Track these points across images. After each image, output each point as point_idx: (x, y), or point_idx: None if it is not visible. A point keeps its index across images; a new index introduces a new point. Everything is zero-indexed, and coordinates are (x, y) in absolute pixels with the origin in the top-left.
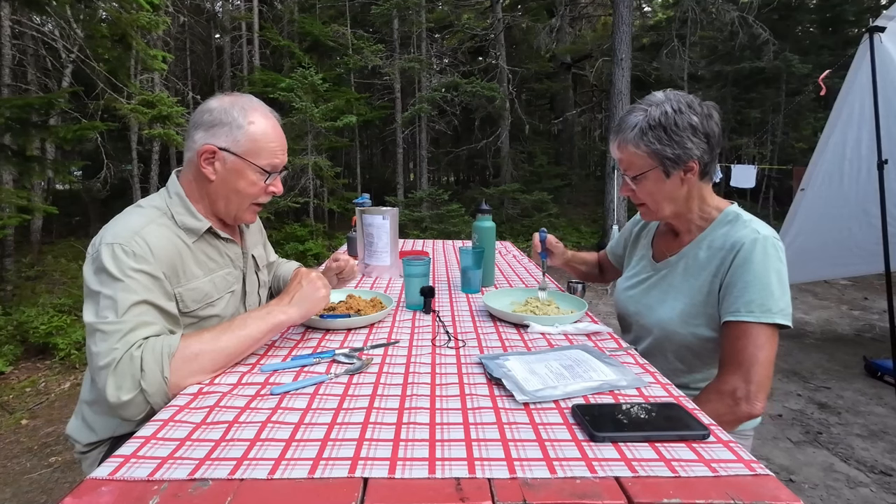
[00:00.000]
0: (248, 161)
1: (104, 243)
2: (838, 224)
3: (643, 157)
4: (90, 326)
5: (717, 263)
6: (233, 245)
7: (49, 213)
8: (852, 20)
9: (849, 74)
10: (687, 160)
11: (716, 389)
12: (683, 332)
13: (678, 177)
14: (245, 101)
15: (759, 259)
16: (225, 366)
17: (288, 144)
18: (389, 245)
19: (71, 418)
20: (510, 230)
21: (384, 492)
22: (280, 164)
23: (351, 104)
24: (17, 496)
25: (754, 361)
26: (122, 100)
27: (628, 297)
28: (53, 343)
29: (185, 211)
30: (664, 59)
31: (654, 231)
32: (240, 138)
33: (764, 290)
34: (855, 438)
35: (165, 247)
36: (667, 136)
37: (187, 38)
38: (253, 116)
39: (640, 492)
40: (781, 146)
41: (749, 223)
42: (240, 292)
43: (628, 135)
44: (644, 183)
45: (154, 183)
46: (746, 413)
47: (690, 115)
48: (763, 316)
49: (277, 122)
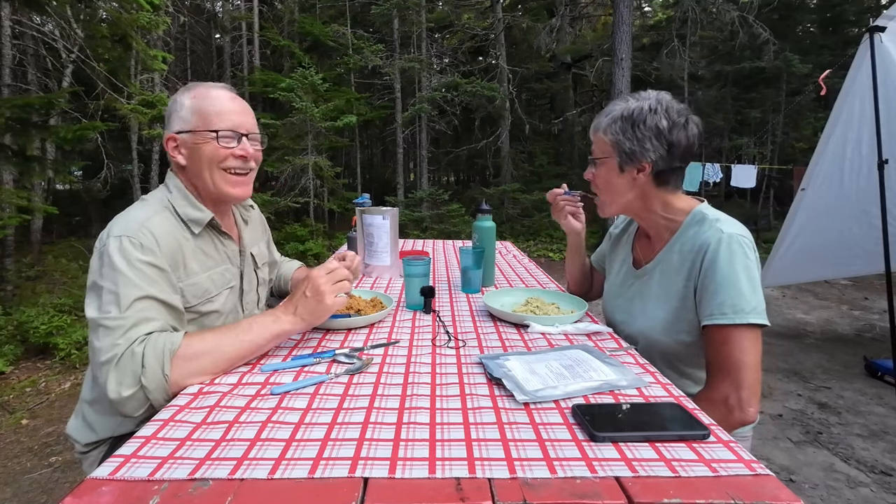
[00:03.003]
0: (199, 132)
1: (112, 236)
2: (838, 224)
3: (606, 144)
4: (93, 321)
5: (689, 267)
6: (230, 242)
7: (49, 213)
8: (852, 20)
9: (849, 74)
10: (641, 159)
11: (706, 398)
12: (667, 340)
13: (630, 174)
14: (191, 85)
15: (724, 259)
16: (226, 369)
17: (288, 144)
18: (389, 245)
19: (71, 418)
20: (510, 230)
21: (384, 492)
22: (238, 126)
23: (351, 104)
24: (17, 496)
25: (742, 366)
26: (123, 100)
27: (615, 306)
28: (54, 343)
29: (186, 203)
30: (664, 59)
31: (633, 236)
32: (186, 116)
33: (733, 290)
34: (855, 438)
35: (168, 239)
36: (631, 131)
37: (187, 38)
38: (194, 92)
39: (640, 492)
40: (782, 146)
41: (714, 223)
42: (238, 289)
43: (603, 119)
44: (600, 170)
45: (154, 183)
46: (740, 420)
47: (661, 119)
48: (736, 317)
49: (228, 90)
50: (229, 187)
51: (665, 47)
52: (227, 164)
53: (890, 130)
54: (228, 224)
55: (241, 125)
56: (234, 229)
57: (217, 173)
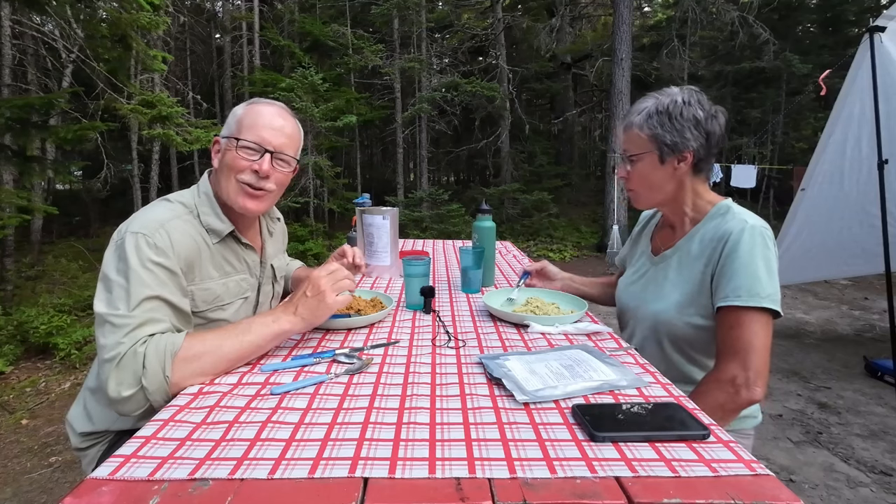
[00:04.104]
0: (231, 138)
1: (130, 231)
2: (838, 224)
3: (644, 139)
4: (100, 317)
5: (709, 254)
6: (251, 252)
7: (49, 213)
8: (852, 20)
9: (849, 74)
10: (683, 149)
11: (715, 379)
12: (678, 323)
13: (671, 165)
14: (255, 99)
15: (746, 247)
16: (227, 369)
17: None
18: (389, 245)
19: (73, 405)
20: (510, 230)
21: (384, 492)
22: (264, 141)
23: (351, 104)
24: (17, 496)
25: (751, 349)
26: (122, 100)
27: (629, 294)
28: (54, 343)
29: (210, 211)
30: (664, 59)
31: (653, 228)
32: (230, 122)
33: (751, 276)
34: (855, 438)
35: (186, 243)
36: (669, 123)
37: (187, 38)
38: (250, 105)
39: (640, 492)
40: (782, 146)
41: (739, 214)
42: (253, 300)
43: (635, 118)
44: (638, 165)
45: (154, 183)
46: (747, 399)
47: (697, 110)
48: (751, 300)
49: (281, 110)
50: (241, 199)
51: (665, 47)
52: (242, 177)
53: (890, 130)
54: (252, 234)
55: (268, 141)
56: (257, 240)
57: (233, 183)
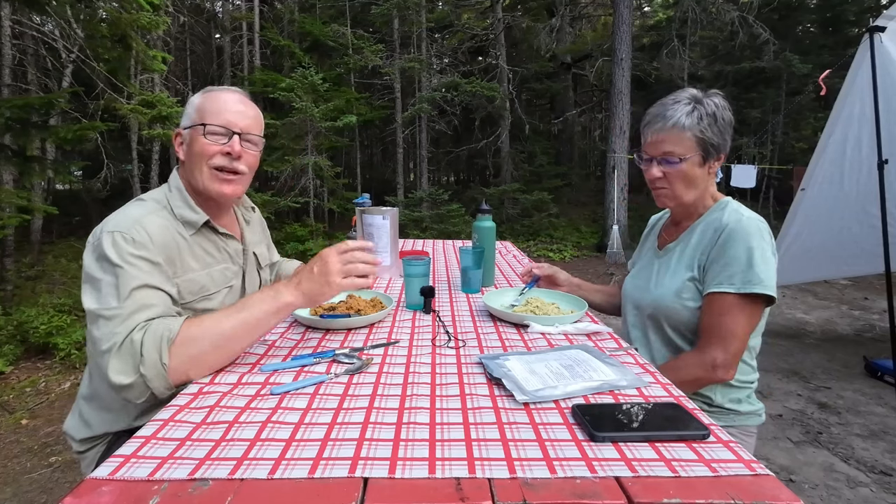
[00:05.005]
0: (194, 126)
1: (105, 231)
2: (838, 224)
3: (690, 141)
4: (92, 313)
5: (706, 243)
6: (232, 241)
7: (49, 213)
8: (852, 20)
9: (849, 74)
10: (721, 151)
11: (698, 357)
12: (676, 306)
13: (709, 166)
14: (208, 88)
15: (741, 237)
16: (229, 352)
17: (288, 144)
18: (389, 245)
19: (68, 416)
20: (510, 230)
21: (384, 492)
22: (231, 124)
23: (351, 104)
24: (17, 496)
25: (733, 336)
26: (122, 100)
27: (634, 286)
28: (53, 343)
29: (183, 203)
30: (664, 59)
31: (660, 227)
32: (190, 112)
33: (745, 265)
34: (855, 438)
35: (163, 236)
36: (715, 126)
37: (187, 38)
38: (207, 93)
39: (640, 492)
40: (781, 146)
41: (738, 209)
42: (238, 288)
43: (682, 119)
44: (682, 166)
45: (154, 183)
46: (720, 379)
47: (728, 112)
48: (744, 287)
49: (240, 94)
50: (217, 184)
51: (665, 47)
52: (214, 162)
53: (890, 130)
54: (228, 222)
55: (234, 123)
56: (235, 227)
57: (205, 170)
